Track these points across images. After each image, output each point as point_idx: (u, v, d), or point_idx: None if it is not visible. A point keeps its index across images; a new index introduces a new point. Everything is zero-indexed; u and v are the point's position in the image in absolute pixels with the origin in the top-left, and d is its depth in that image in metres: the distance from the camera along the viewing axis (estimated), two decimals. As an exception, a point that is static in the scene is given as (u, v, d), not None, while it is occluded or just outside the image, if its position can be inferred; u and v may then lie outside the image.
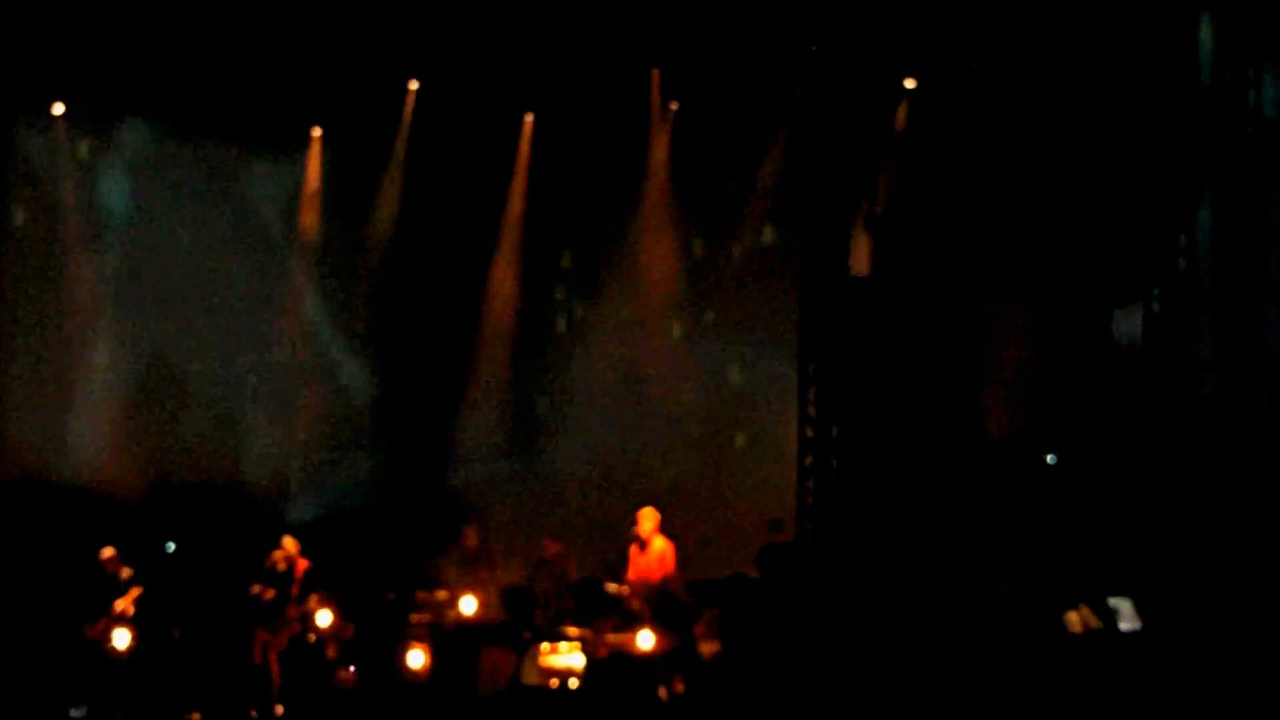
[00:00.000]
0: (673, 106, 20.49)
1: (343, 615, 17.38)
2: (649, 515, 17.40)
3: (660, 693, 14.00)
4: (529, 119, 20.86)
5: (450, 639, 16.81)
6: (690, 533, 18.15)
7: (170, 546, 19.64)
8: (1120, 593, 13.89)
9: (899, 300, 17.72)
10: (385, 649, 16.44)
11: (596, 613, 16.75)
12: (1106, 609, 13.71)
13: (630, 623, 16.19)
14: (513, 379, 21.04)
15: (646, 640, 15.51)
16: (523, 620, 16.74)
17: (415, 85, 20.56)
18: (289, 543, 18.00)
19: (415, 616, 17.29)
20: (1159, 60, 17.69)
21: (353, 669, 16.78)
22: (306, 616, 17.49)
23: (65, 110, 20.24)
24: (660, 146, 20.56)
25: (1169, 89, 17.71)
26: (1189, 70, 17.68)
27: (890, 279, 17.82)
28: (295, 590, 17.72)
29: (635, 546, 17.38)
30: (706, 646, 15.50)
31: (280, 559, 17.81)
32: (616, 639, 16.01)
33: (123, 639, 17.17)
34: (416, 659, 16.07)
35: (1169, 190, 17.80)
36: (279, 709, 17.02)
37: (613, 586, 17.11)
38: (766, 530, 18.42)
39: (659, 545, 17.33)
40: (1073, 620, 13.80)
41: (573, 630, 16.40)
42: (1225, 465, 16.58)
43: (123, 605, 17.73)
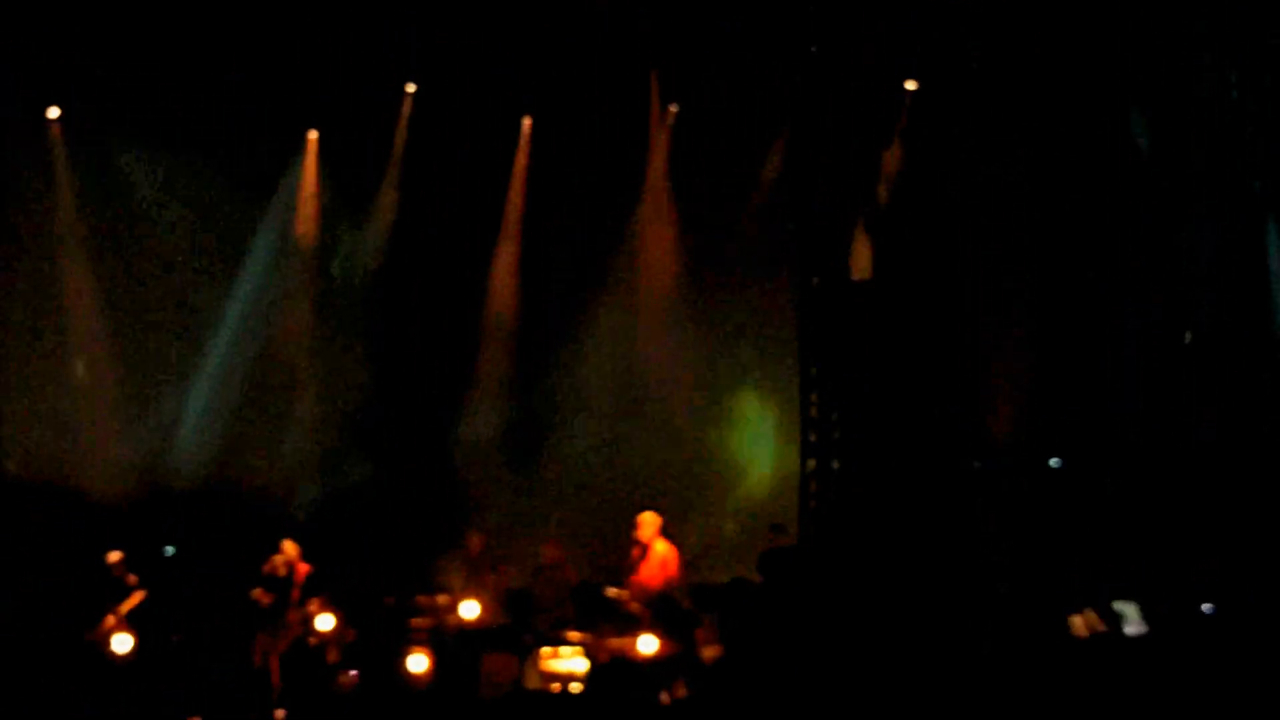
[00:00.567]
0: (672, 109, 20.47)
1: (343, 619, 17.35)
2: (650, 519, 17.39)
3: (662, 697, 13.98)
4: (527, 121, 20.83)
5: (451, 643, 16.76)
6: (691, 537, 18.15)
7: (169, 550, 19.61)
8: (1125, 596, 13.90)
9: (900, 303, 17.71)
10: (386, 653, 16.38)
11: (598, 617, 16.74)
12: (1111, 613, 13.71)
13: (631, 627, 16.18)
14: (512, 382, 20.99)
15: (648, 645, 15.49)
16: (524, 625, 16.73)
17: (412, 88, 20.51)
18: (289, 546, 17.96)
19: (416, 621, 17.27)
20: (1159, 60, 17.74)
21: (353, 673, 16.72)
22: (307, 620, 17.45)
23: (60, 114, 20.19)
24: (660, 149, 20.54)
25: (1169, 89, 17.75)
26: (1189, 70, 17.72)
27: (891, 282, 17.82)
28: (296, 594, 17.70)
29: (636, 551, 17.37)
30: (708, 651, 15.50)
31: (280, 563, 17.78)
32: (618, 643, 15.99)
33: (123, 643, 17.13)
34: (418, 663, 16.02)
35: (1169, 190, 17.83)
36: (279, 713, 16.97)
37: (613, 591, 17.11)
38: (767, 534, 18.42)
39: (660, 549, 17.32)
40: (1077, 624, 13.79)
41: (574, 635, 16.39)
42: (1228, 469, 16.61)
43: (122, 610, 17.71)
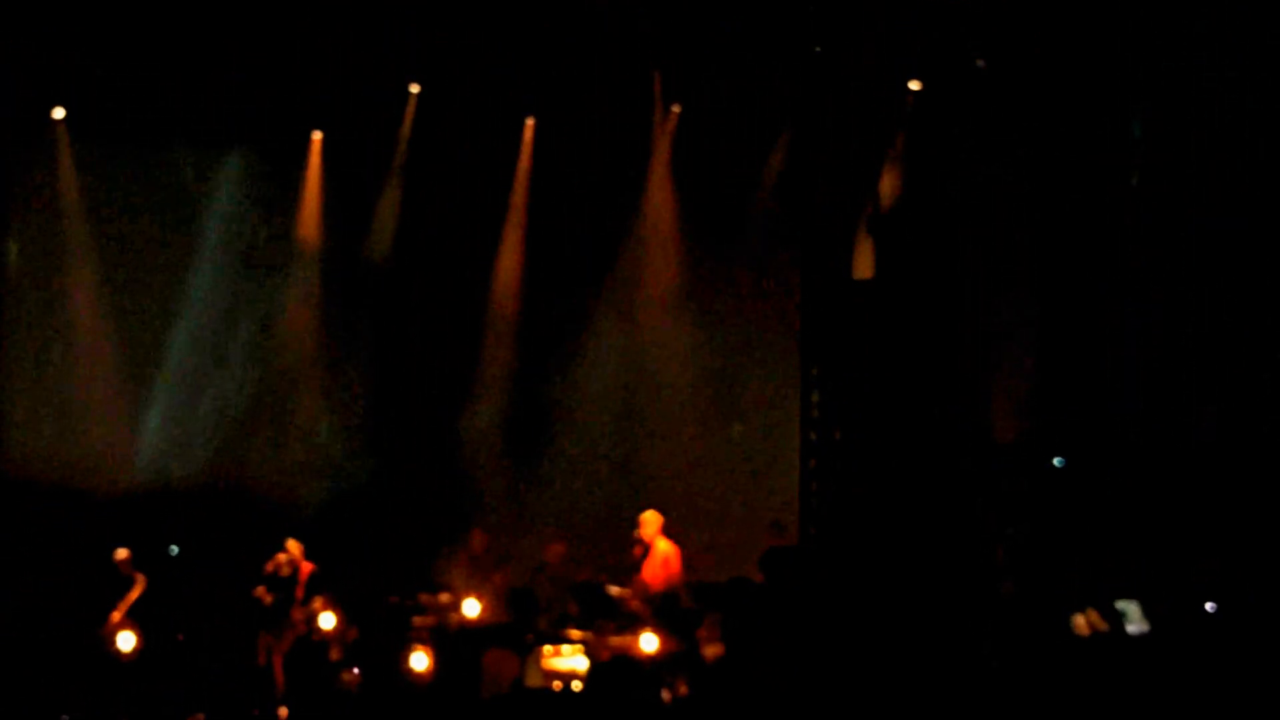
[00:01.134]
0: (674, 109, 20.47)
1: (346, 617, 17.38)
2: (652, 518, 17.41)
3: (663, 696, 14.00)
4: (530, 122, 20.84)
5: (453, 641, 16.80)
6: (693, 535, 18.15)
7: (174, 550, 19.64)
8: (1127, 595, 13.90)
9: (901, 303, 17.72)
10: (388, 651, 16.43)
11: (599, 615, 16.77)
12: (1113, 611, 13.71)
13: (633, 625, 16.21)
14: (515, 382, 21.01)
15: (650, 643, 15.52)
16: (526, 623, 16.75)
17: (416, 89, 20.52)
18: (292, 545, 17.99)
19: (418, 619, 17.31)
20: (1160, 60, 17.74)
21: (356, 671, 16.77)
22: (310, 619, 17.48)
23: (65, 115, 20.21)
24: (662, 149, 20.52)
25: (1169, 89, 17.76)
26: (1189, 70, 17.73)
27: (892, 282, 17.83)
28: (299, 593, 17.72)
29: (638, 549, 17.38)
30: (710, 649, 15.52)
31: (284, 562, 17.80)
32: (619, 642, 16.02)
33: (127, 641, 17.16)
34: (419, 661, 16.07)
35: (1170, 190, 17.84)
36: (283, 711, 17.03)
37: (615, 589, 17.12)
38: (768, 533, 18.43)
39: (662, 548, 17.33)
40: (1079, 623, 13.79)
41: (575, 633, 16.41)
42: (1228, 468, 16.61)
43: (124, 605, 17.74)
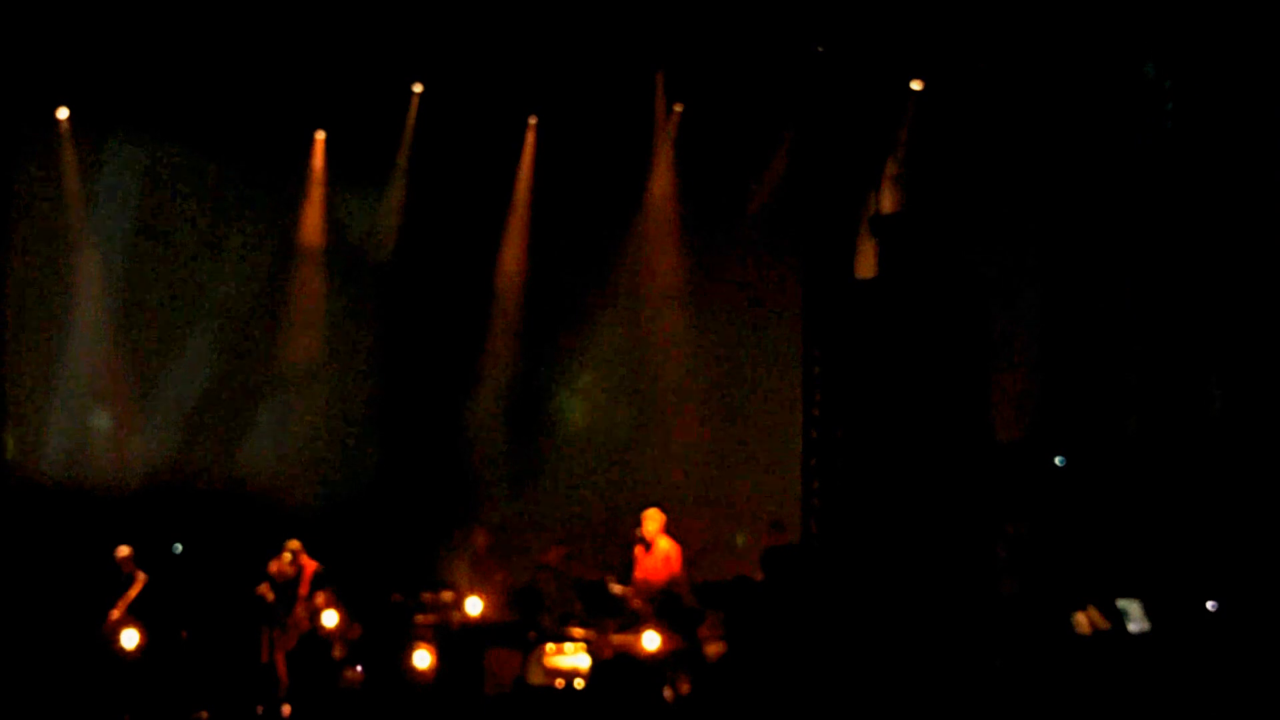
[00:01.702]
0: (677, 108, 20.52)
1: (349, 615, 17.41)
2: (654, 516, 17.41)
3: (665, 693, 14.05)
4: (533, 121, 20.88)
5: (456, 639, 16.83)
6: (694, 534, 18.17)
7: (177, 548, 19.66)
8: (1129, 594, 13.93)
9: (903, 303, 17.72)
10: (391, 649, 16.47)
11: (601, 614, 16.80)
12: (1115, 610, 13.74)
13: (635, 623, 16.24)
14: (517, 381, 21.05)
15: (651, 641, 15.55)
16: (528, 621, 16.77)
17: (419, 88, 20.56)
18: (295, 544, 18.00)
19: (421, 617, 17.33)
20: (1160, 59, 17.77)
21: (359, 669, 16.81)
22: (314, 617, 17.51)
23: (70, 115, 20.25)
24: (664, 149, 20.58)
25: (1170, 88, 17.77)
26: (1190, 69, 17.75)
27: (894, 281, 17.84)
28: (303, 591, 17.75)
29: (640, 547, 17.39)
30: (711, 647, 15.57)
31: (287, 560, 17.80)
32: (621, 640, 16.05)
33: (131, 639, 17.19)
34: (422, 659, 16.11)
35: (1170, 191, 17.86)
36: (286, 708, 17.05)
37: (617, 587, 17.14)
38: (768, 532, 18.45)
39: (664, 546, 17.33)
40: (1081, 621, 13.83)
41: (578, 631, 16.44)
42: (1230, 467, 16.63)
43: (126, 600, 17.78)
